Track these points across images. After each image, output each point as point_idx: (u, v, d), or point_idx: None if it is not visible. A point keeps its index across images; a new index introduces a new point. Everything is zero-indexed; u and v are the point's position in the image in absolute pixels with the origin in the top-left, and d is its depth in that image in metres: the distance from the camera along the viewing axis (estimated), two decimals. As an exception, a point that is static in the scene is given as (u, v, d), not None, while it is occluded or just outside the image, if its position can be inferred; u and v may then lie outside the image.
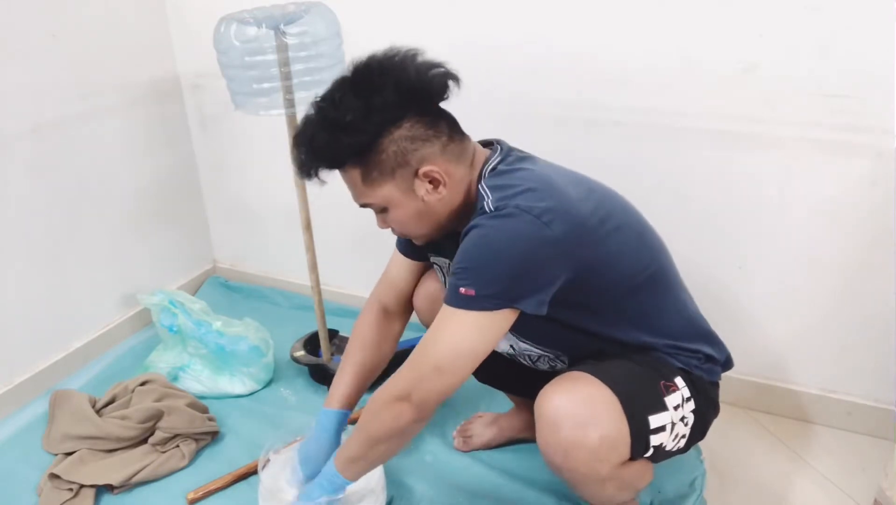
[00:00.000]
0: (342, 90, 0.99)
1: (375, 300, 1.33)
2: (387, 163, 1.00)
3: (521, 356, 1.24)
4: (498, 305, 0.97)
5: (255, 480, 1.42)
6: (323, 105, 1.00)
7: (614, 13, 1.42)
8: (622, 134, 1.51)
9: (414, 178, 1.01)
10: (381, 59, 0.99)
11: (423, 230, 1.09)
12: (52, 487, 1.38)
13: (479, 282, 0.96)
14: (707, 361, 1.14)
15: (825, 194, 1.39)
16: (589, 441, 0.99)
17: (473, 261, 0.96)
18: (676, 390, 1.08)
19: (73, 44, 1.71)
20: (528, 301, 0.97)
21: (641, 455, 1.06)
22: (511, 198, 0.98)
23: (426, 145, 1.00)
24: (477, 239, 0.97)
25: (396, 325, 1.34)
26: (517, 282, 0.96)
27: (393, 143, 0.99)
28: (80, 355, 1.85)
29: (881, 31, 1.24)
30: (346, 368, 1.29)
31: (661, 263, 1.13)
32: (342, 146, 0.99)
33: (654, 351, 1.11)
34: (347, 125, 0.97)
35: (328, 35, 1.39)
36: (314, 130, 1.00)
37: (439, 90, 1.00)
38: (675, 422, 1.07)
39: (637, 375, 1.06)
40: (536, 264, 0.96)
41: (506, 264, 0.95)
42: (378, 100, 0.97)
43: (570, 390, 1.02)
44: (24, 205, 1.66)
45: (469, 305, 0.97)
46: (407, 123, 0.99)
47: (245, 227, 2.18)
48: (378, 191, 1.03)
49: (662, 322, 1.12)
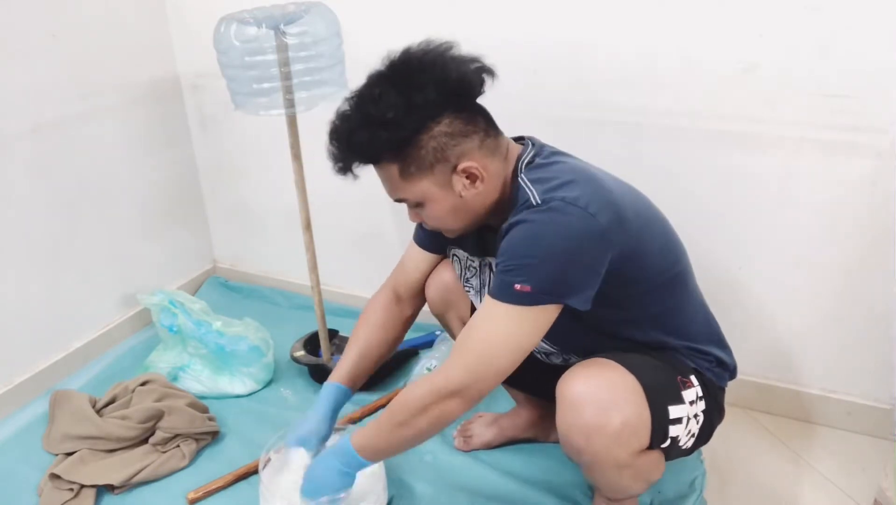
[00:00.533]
0: (382, 86, 0.99)
1: (389, 286, 1.34)
2: (426, 158, 1.00)
3: (535, 351, 1.24)
4: (551, 300, 0.98)
5: (256, 479, 1.42)
6: (360, 101, 1.00)
7: (614, 13, 1.42)
8: (622, 134, 1.51)
9: (452, 173, 1.02)
10: (419, 54, 1.00)
11: (457, 224, 1.09)
12: (52, 488, 1.38)
13: (535, 278, 0.96)
14: (718, 365, 1.16)
15: (825, 194, 1.39)
16: (611, 425, 0.99)
17: (527, 257, 0.96)
18: (692, 387, 1.09)
19: (73, 44, 1.71)
20: (578, 297, 0.98)
21: (659, 444, 1.06)
22: (554, 190, 0.98)
23: (465, 141, 1.01)
24: (528, 233, 0.97)
25: (407, 310, 1.34)
26: (569, 277, 0.97)
27: (432, 140, 0.99)
28: (80, 355, 1.85)
29: (881, 31, 1.24)
30: (352, 347, 1.29)
31: (683, 262, 1.14)
32: (382, 142, 0.99)
33: (670, 350, 1.12)
34: (388, 122, 0.97)
35: (328, 35, 1.39)
36: (352, 126, 1.01)
37: (477, 86, 1.01)
38: (690, 417, 1.08)
39: (657, 367, 1.08)
40: (587, 258, 0.97)
41: (559, 260, 0.95)
42: (419, 97, 0.97)
43: (594, 375, 1.03)
44: (24, 205, 1.66)
45: (522, 301, 0.97)
46: (446, 119, 1.00)
47: (245, 227, 2.18)
48: (415, 186, 1.03)
49: (682, 322, 1.13)
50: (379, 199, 1.88)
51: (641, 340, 1.12)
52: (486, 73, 1.01)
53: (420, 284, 1.33)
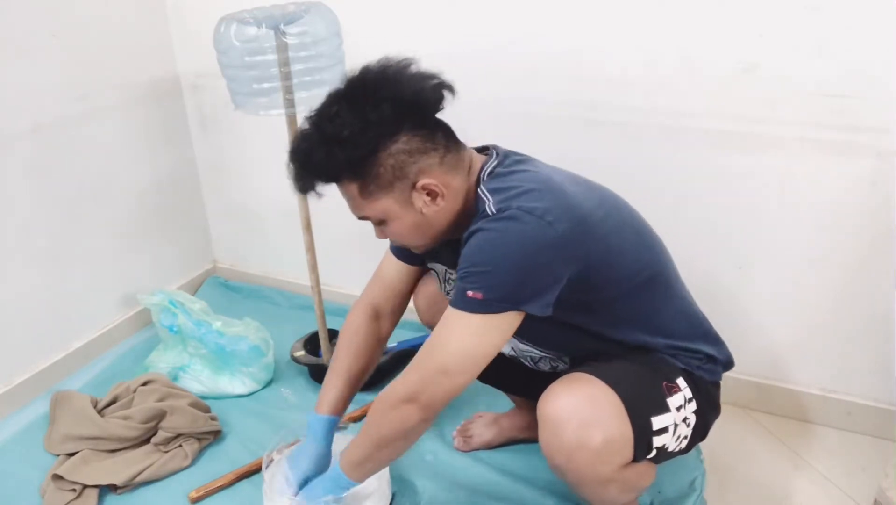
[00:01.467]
0: (338, 104, 0.98)
1: (366, 302, 1.32)
2: (384, 177, 0.99)
3: (523, 357, 1.24)
4: (505, 307, 0.97)
5: (257, 478, 1.42)
6: (318, 120, 1.00)
7: (614, 13, 1.42)
8: (622, 134, 1.51)
9: (412, 190, 1.01)
10: (375, 72, 0.99)
11: (421, 241, 1.09)
12: (55, 488, 1.38)
13: (486, 285, 0.96)
14: (708, 361, 1.14)
15: (825, 194, 1.39)
16: (592, 442, 0.99)
17: (480, 265, 0.96)
18: (679, 391, 1.08)
19: (73, 44, 1.71)
20: (535, 303, 0.98)
21: (644, 457, 1.05)
22: (512, 199, 0.97)
23: (423, 158, 1.00)
24: (482, 242, 0.97)
25: (386, 326, 1.33)
26: (523, 284, 0.96)
27: (390, 157, 0.98)
28: (80, 355, 1.85)
29: (881, 31, 1.24)
30: (334, 372, 1.28)
31: (661, 262, 1.13)
32: (339, 161, 0.98)
33: (656, 352, 1.11)
34: (344, 140, 0.97)
35: (328, 35, 1.39)
36: (310, 145, 1.00)
37: (435, 102, 1.00)
38: (678, 423, 1.07)
39: (639, 376, 1.06)
40: (542, 266, 0.96)
41: (512, 267, 0.95)
42: (374, 115, 0.96)
43: (574, 392, 1.02)
44: (24, 205, 1.66)
45: (476, 309, 0.97)
46: (404, 137, 0.99)
47: (245, 227, 2.18)
48: (376, 204, 1.02)
49: (663, 322, 1.12)
50: (379, 199, 1.89)
51: (625, 341, 1.11)
52: (446, 89, 1.00)
53: (401, 295, 1.31)
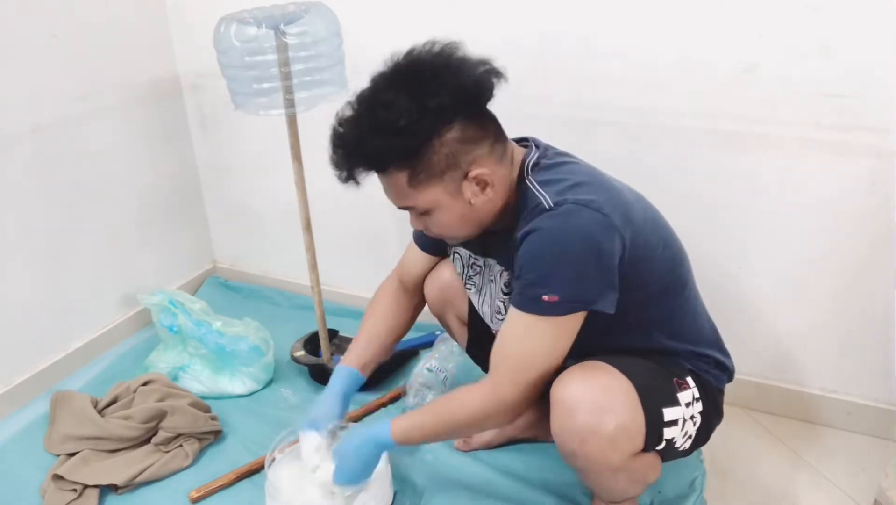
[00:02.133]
0: (392, 91, 0.95)
1: (395, 276, 1.36)
2: (437, 165, 0.98)
3: None
4: (580, 307, 0.98)
5: (258, 478, 1.43)
6: (372, 107, 0.97)
7: (614, 13, 1.42)
8: (622, 134, 1.51)
9: (463, 180, 1.00)
10: (429, 58, 0.97)
11: (464, 231, 1.08)
12: (55, 488, 1.38)
13: (561, 287, 0.96)
14: (716, 366, 1.16)
15: (825, 194, 1.39)
16: (605, 428, 0.99)
17: (551, 266, 0.96)
18: (688, 388, 1.09)
19: (73, 44, 1.71)
20: (606, 300, 0.99)
21: (654, 447, 1.06)
22: (566, 192, 0.98)
23: (476, 147, 0.99)
24: (547, 242, 0.96)
25: (415, 298, 1.36)
26: (594, 282, 0.97)
27: (444, 146, 0.97)
28: (80, 355, 1.85)
29: (881, 31, 1.23)
30: (362, 334, 1.30)
31: (685, 265, 1.14)
32: (393, 149, 0.96)
33: (668, 353, 1.12)
34: (401, 129, 0.94)
35: (328, 35, 1.39)
36: (360, 133, 0.97)
37: (489, 90, 0.99)
38: (686, 419, 1.08)
39: (652, 369, 1.07)
40: (607, 259, 0.97)
41: (583, 266, 0.96)
42: (433, 102, 0.94)
43: (588, 378, 1.03)
44: (24, 205, 1.66)
45: (554, 311, 0.97)
46: (458, 125, 0.97)
47: (245, 227, 2.18)
48: (425, 193, 1.01)
49: (683, 326, 1.13)
50: (379, 200, 1.88)
51: (641, 344, 1.11)
52: (496, 77, 0.99)
53: (422, 280, 1.35)
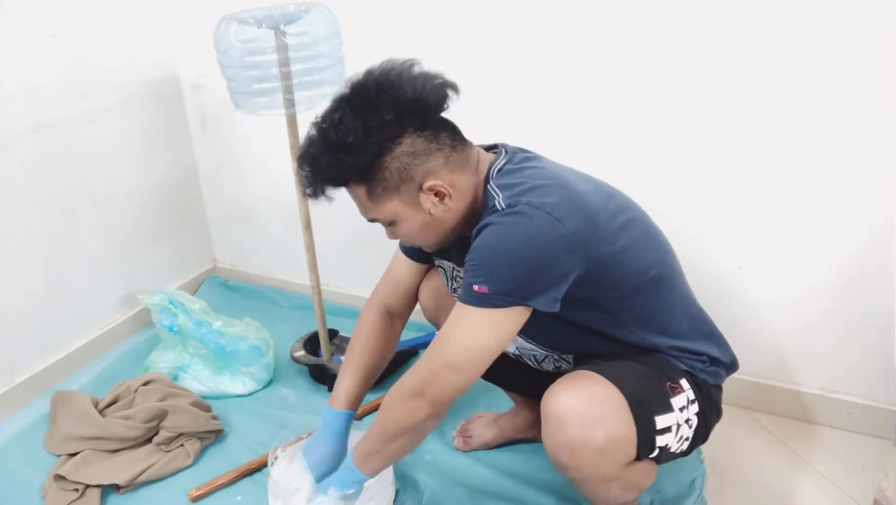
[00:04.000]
0: (341, 110, 0.99)
1: (378, 300, 1.33)
2: (390, 179, 1.00)
3: (527, 357, 1.24)
4: (511, 302, 0.97)
5: (258, 476, 1.43)
6: (324, 126, 1.00)
7: (614, 13, 1.42)
8: (622, 134, 1.51)
9: (419, 192, 1.02)
10: (377, 76, 0.99)
11: (432, 240, 1.09)
12: (57, 488, 1.38)
13: (493, 280, 0.96)
14: (712, 364, 1.15)
15: (825, 194, 1.39)
16: (596, 440, 0.99)
17: (487, 259, 0.97)
18: (682, 392, 1.08)
19: (73, 44, 1.71)
20: (542, 298, 0.98)
21: (647, 455, 1.06)
22: (521, 194, 0.98)
23: (429, 159, 1.00)
24: (490, 237, 0.97)
25: (398, 324, 1.35)
26: (531, 280, 0.96)
27: (395, 160, 0.99)
28: (80, 355, 1.85)
29: (881, 31, 1.23)
30: (348, 368, 1.29)
31: (667, 262, 1.13)
32: (345, 166, 0.99)
33: (660, 353, 1.11)
34: (349, 146, 0.98)
35: (328, 35, 1.39)
36: (316, 151, 1.01)
37: (437, 103, 1.01)
38: (681, 424, 1.07)
39: (644, 376, 1.06)
40: (550, 261, 0.96)
41: (519, 262, 0.95)
42: (375, 120, 0.97)
43: (578, 389, 1.03)
44: (24, 205, 1.66)
45: (482, 303, 0.97)
46: (408, 139, 0.99)
47: (245, 227, 2.18)
48: (384, 206, 1.03)
49: (668, 322, 1.12)
50: (379, 199, 1.89)
51: (630, 341, 1.11)
52: (449, 88, 1.01)
53: (411, 293, 1.33)
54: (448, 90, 1.00)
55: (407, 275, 1.32)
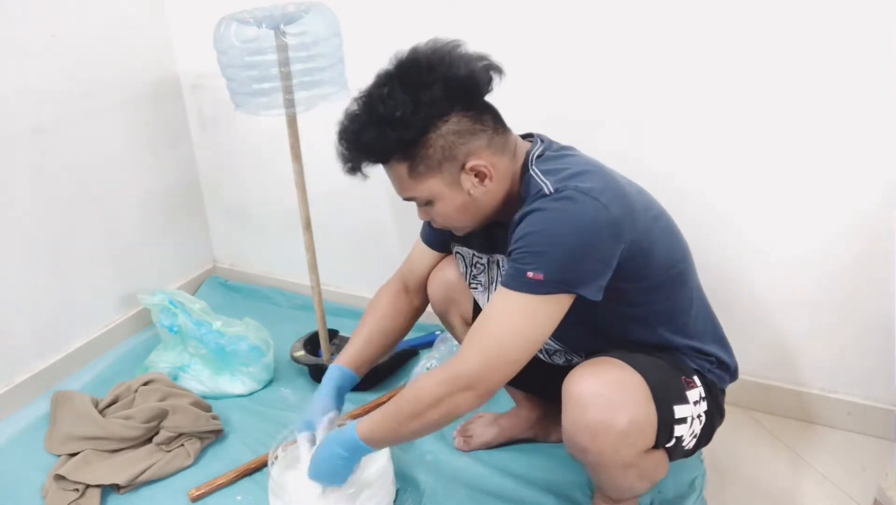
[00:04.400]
0: (390, 85, 0.98)
1: (398, 277, 1.35)
2: (433, 157, 1.00)
3: (540, 350, 1.24)
4: (564, 289, 0.97)
5: (257, 476, 1.43)
6: (369, 100, 1.00)
7: (614, 13, 1.42)
8: (622, 133, 1.51)
9: (461, 172, 1.01)
10: (427, 53, 0.99)
11: (466, 222, 1.09)
12: (57, 488, 1.38)
13: (548, 266, 0.95)
14: (719, 366, 1.16)
15: (826, 194, 1.39)
16: (618, 424, 0.99)
17: (540, 245, 0.96)
18: (695, 387, 1.10)
19: (73, 44, 1.71)
20: (591, 286, 0.98)
21: (664, 444, 1.06)
22: (567, 179, 0.98)
23: (472, 139, 1.01)
24: (542, 222, 0.96)
25: (415, 301, 1.35)
26: (583, 266, 0.96)
27: (440, 138, 0.99)
28: (80, 355, 1.85)
29: (881, 30, 1.23)
30: (359, 333, 1.30)
31: (687, 259, 1.14)
32: (390, 142, 0.99)
33: (674, 350, 1.12)
34: (396, 121, 0.97)
35: (328, 35, 1.39)
36: (360, 126, 1.00)
37: (485, 84, 1.01)
38: (694, 417, 1.08)
39: (661, 367, 1.08)
40: (599, 247, 0.97)
41: (573, 248, 0.95)
42: (426, 95, 0.97)
43: (601, 373, 1.03)
44: (24, 205, 1.66)
45: (537, 290, 0.96)
46: (454, 118, 0.99)
47: (245, 227, 2.18)
48: (424, 185, 1.03)
49: (686, 321, 1.13)
50: (379, 199, 1.90)
51: (647, 340, 1.12)
52: (494, 71, 1.01)
53: (426, 278, 1.34)
54: (493, 73, 1.01)
55: (426, 262, 1.33)
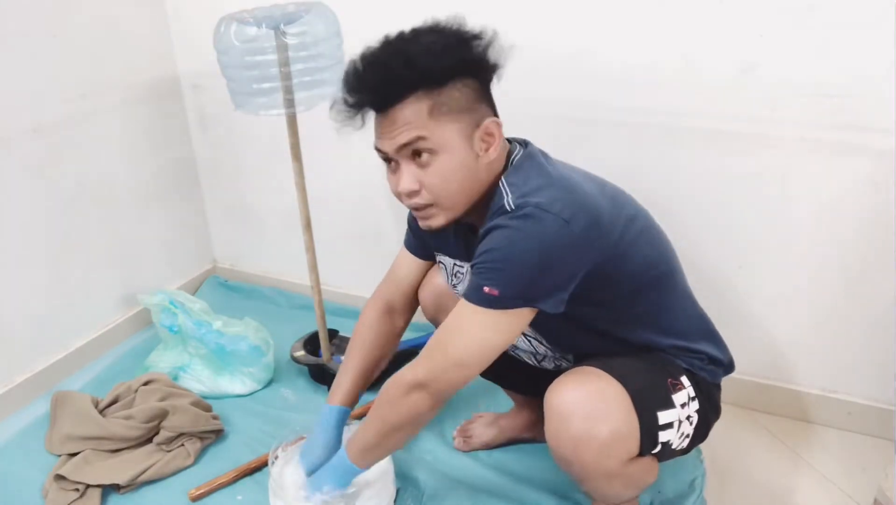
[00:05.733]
0: (414, 32, 1.00)
1: (379, 298, 1.34)
2: (459, 102, 0.99)
3: (527, 356, 1.24)
4: (520, 304, 0.98)
5: (258, 476, 1.43)
6: (395, 41, 1.00)
7: (614, 13, 1.42)
8: (622, 134, 1.51)
9: (475, 129, 1.01)
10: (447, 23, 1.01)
11: (453, 188, 1.02)
12: (58, 488, 1.38)
13: (504, 282, 0.96)
14: (710, 362, 1.15)
15: (825, 194, 1.39)
16: (599, 435, 0.99)
17: (498, 262, 0.97)
18: (683, 389, 1.09)
19: (73, 44, 1.71)
20: (549, 301, 0.98)
21: (649, 451, 1.06)
22: (530, 195, 0.98)
23: (489, 108, 1.03)
24: (501, 239, 0.97)
25: (400, 322, 1.35)
26: (539, 282, 0.97)
27: (466, 87, 0.99)
28: (80, 355, 1.85)
29: (881, 31, 1.23)
30: (348, 365, 1.30)
31: (668, 260, 1.14)
32: (424, 67, 0.96)
33: (660, 351, 1.12)
34: (431, 49, 0.97)
35: (328, 35, 1.39)
36: (389, 55, 0.98)
37: (495, 67, 1.03)
38: (682, 420, 1.08)
39: (645, 372, 1.07)
40: (558, 264, 0.97)
41: (529, 266, 0.96)
42: (454, 39, 0.98)
43: (581, 384, 1.03)
44: (25, 205, 1.66)
45: (492, 304, 0.97)
46: (476, 83, 1.01)
47: (245, 227, 2.18)
48: (442, 128, 0.98)
49: (670, 320, 1.13)
50: (379, 199, 1.90)
51: (632, 340, 1.11)
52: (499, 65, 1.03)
53: (412, 291, 1.33)
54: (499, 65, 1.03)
55: (409, 272, 1.32)
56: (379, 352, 1.31)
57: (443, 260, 1.23)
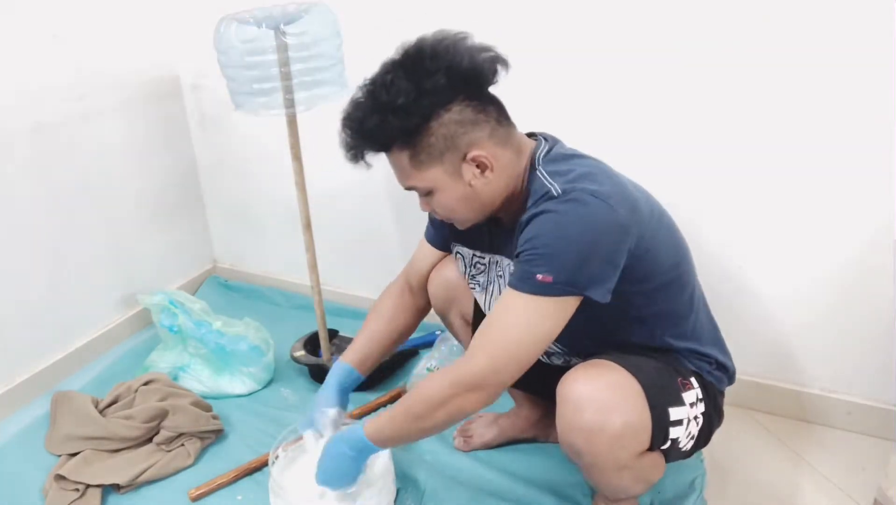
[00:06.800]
0: (393, 72, 0.99)
1: (403, 276, 1.36)
2: (435, 146, 1.00)
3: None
4: (573, 291, 0.97)
5: (258, 476, 1.43)
6: (373, 88, 1.01)
7: (615, 13, 1.42)
8: (621, 133, 1.51)
9: (462, 162, 1.01)
10: (432, 42, 1.00)
11: (467, 214, 1.08)
12: (58, 488, 1.38)
13: (557, 268, 0.95)
14: (718, 368, 1.16)
15: (825, 194, 1.39)
16: (612, 426, 0.99)
17: (549, 247, 0.96)
18: (692, 389, 1.10)
19: (72, 44, 1.71)
20: (599, 288, 0.98)
21: (659, 446, 1.06)
22: (575, 181, 0.98)
23: (475, 129, 1.01)
24: (550, 224, 0.96)
25: (420, 300, 1.36)
26: (591, 267, 0.96)
27: (442, 127, 0.99)
28: (80, 355, 1.85)
29: (881, 28, 1.23)
30: (362, 332, 1.32)
31: (689, 261, 1.15)
32: (392, 128, 0.99)
33: (672, 352, 1.13)
34: (398, 108, 0.97)
35: (328, 35, 1.39)
36: (363, 113, 1.01)
37: (489, 75, 1.01)
38: (690, 419, 1.08)
39: (657, 368, 1.08)
40: (608, 250, 0.97)
41: (582, 250, 0.95)
42: (429, 83, 0.97)
43: (595, 376, 1.03)
44: (25, 205, 1.66)
45: (546, 292, 0.96)
46: (457, 107, 1.00)
47: (245, 227, 2.18)
48: (425, 174, 1.03)
49: (685, 323, 1.13)
50: (379, 199, 1.90)
51: (647, 342, 1.12)
52: (500, 63, 1.01)
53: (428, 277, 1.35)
54: (499, 65, 1.01)
55: (429, 262, 1.33)
56: (394, 323, 1.32)
57: (461, 251, 1.23)
